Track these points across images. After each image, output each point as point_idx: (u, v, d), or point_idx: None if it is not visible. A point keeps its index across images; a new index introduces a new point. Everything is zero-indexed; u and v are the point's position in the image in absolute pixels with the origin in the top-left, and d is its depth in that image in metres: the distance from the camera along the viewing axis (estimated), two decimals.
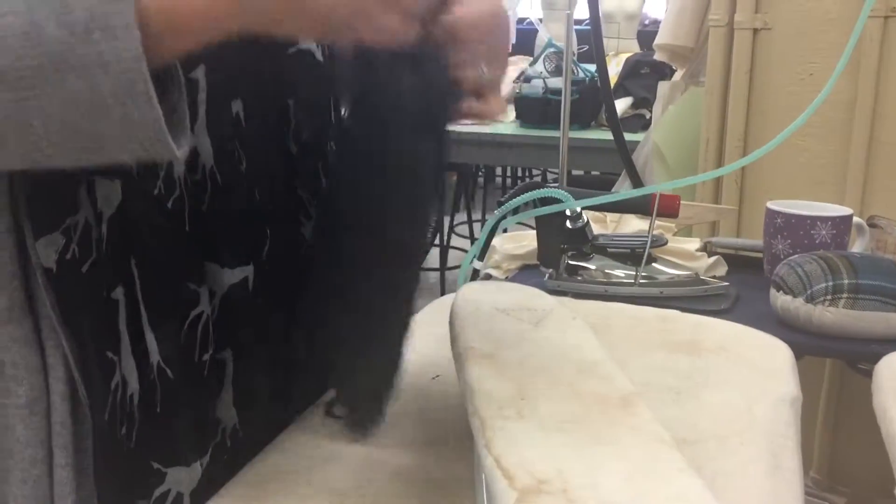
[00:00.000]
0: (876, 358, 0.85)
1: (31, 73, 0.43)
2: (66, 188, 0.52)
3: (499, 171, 5.82)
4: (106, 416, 0.56)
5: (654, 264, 1.19)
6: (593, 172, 3.64)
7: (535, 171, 5.42)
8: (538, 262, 1.25)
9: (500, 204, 1.11)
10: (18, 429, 0.54)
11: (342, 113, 0.71)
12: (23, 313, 0.53)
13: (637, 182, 1.85)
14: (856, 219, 1.20)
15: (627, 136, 1.91)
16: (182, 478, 0.61)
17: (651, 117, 2.58)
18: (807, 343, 1.03)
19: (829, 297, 1.01)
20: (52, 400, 0.55)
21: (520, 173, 5.51)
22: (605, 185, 2.43)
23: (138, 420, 0.58)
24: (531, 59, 3.87)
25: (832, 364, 1.41)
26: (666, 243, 1.24)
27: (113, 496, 0.57)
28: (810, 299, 1.02)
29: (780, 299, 1.06)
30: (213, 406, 0.65)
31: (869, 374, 0.84)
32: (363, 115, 0.58)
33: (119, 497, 0.58)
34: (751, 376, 0.82)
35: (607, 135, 1.82)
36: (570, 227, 1.20)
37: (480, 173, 5.42)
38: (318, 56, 0.68)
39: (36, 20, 0.43)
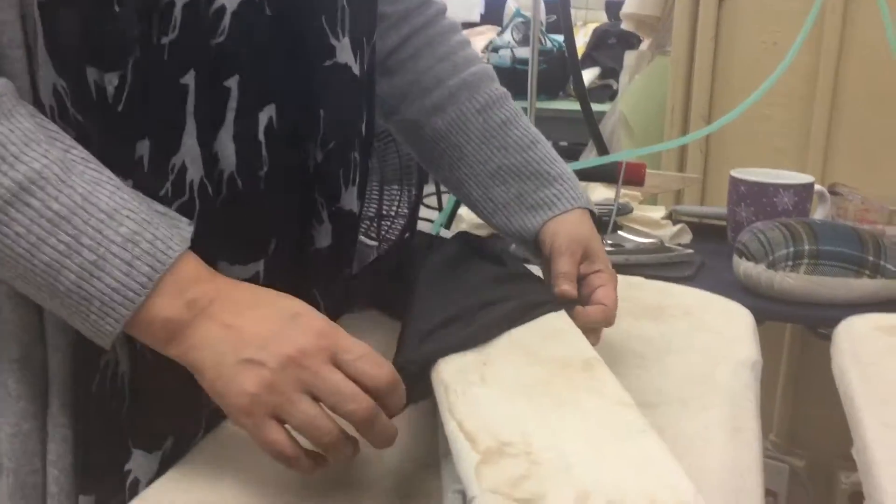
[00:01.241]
0: (835, 322, 0.87)
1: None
2: None
3: None
4: (93, 389, 0.58)
5: (619, 232, 1.20)
6: (561, 143, 3.65)
7: None
8: None
9: None
10: (10, 383, 0.56)
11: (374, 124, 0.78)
12: None
13: (604, 151, 1.86)
14: (817, 186, 1.21)
15: (594, 107, 1.91)
16: (142, 463, 0.61)
17: (618, 87, 2.58)
18: (768, 308, 1.05)
19: (790, 262, 1.03)
20: (50, 358, 0.57)
21: None
22: (573, 154, 2.43)
23: (129, 398, 0.60)
24: (500, 28, 3.85)
25: (793, 329, 1.43)
26: (632, 211, 1.25)
27: (94, 466, 0.59)
28: (772, 265, 1.04)
29: (743, 266, 1.07)
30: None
31: (829, 339, 0.85)
32: None
33: (99, 467, 0.59)
34: (713, 341, 0.84)
35: (575, 105, 1.82)
36: None
37: None
38: (355, 70, 0.69)
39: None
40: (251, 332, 0.51)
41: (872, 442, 0.62)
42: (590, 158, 1.92)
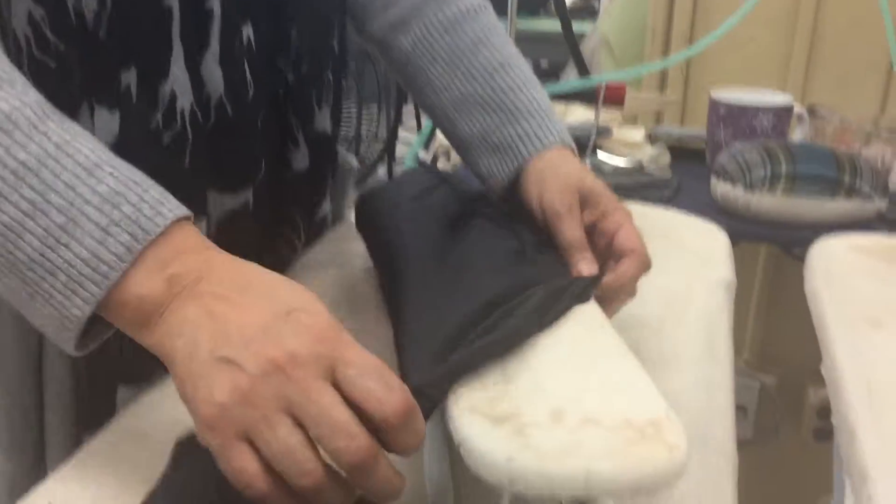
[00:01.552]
0: (810, 243, 0.88)
1: None
2: (68, 111, 0.47)
3: None
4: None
5: (598, 154, 1.20)
6: (541, 62, 3.61)
7: None
8: None
9: None
10: (7, 331, 0.55)
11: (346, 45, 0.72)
12: None
13: (584, 72, 1.84)
14: (796, 108, 1.21)
15: (576, 26, 1.88)
16: (127, 399, 0.61)
17: (599, 6, 2.54)
18: (744, 229, 1.06)
19: (767, 184, 1.04)
20: None
21: None
22: (553, 74, 2.41)
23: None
24: None
25: (767, 249, 1.45)
26: (611, 133, 1.25)
27: (90, 403, 0.59)
28: (749, 187, 1.04)
29: (721, 187, 1.08)
30: None
31: (802, 259, 0.87)
32: None
33: (95, 404, 0.60)
34: (689, 262, 0.85)
35: (555, 24, 1.79)
36: None
37: None
38: None
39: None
40: (235, 325, 0.40)
41: (841, 360, 0.63)
42: (570, 80, 1.90)
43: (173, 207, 0.43)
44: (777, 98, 1.21)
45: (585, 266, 0.60)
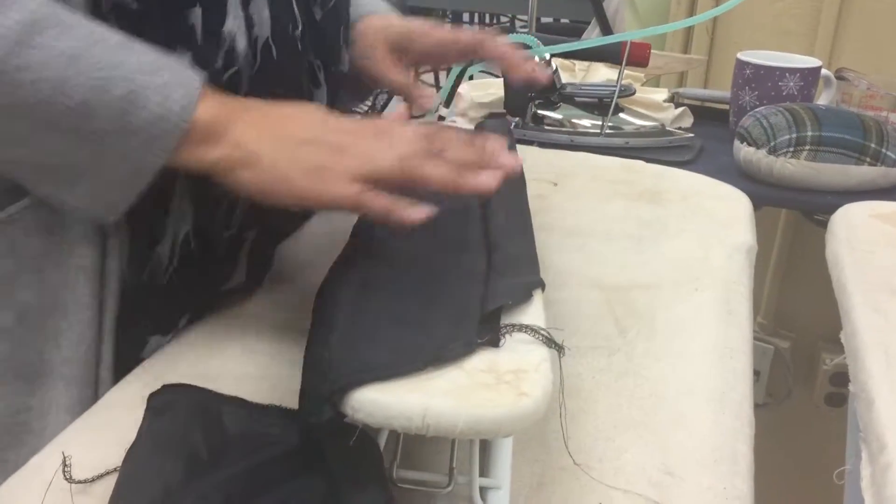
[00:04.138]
0: (832, 209, 0.87)
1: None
2: None
3: (466, 17, 5.65)
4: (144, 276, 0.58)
5: (620, 114, 1.18)
6: (563, 20, 3.56)
7: (503, 18, 5.27)
8: (505, 111, 1.24)
9: None
10: (81, 289, 0.55)
11: None
12: None
13: (607, 30, 1.81)
14: (824, 71, 1.19)
15: None
16: (154, 348, 0.61)
17: None
18: (766, 194, 1.05)
19: (791, 148, 1.02)
20: (108, 260, 0.56)
21: (488, 20, 5.37)
22: (575, 32, 2.37)
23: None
24: None
25: (787, 214, 1.44)
26: (634, 93, 1.23)
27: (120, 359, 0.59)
28: (773, 151, 1.03)
29: (744, 151, 1.07)
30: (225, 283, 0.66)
31: (824, 225, 0.86)
32: None
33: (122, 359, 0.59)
34: (709, 226, 0.84)
35: None
36: None
37: (448, 18, 5.26)
38: None
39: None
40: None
41: (862, 327, 0.63)
42: (592, 37, 1.87)
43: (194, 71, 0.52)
44: (805, 60, 1.19)
45: (425, 100, 0.74)
